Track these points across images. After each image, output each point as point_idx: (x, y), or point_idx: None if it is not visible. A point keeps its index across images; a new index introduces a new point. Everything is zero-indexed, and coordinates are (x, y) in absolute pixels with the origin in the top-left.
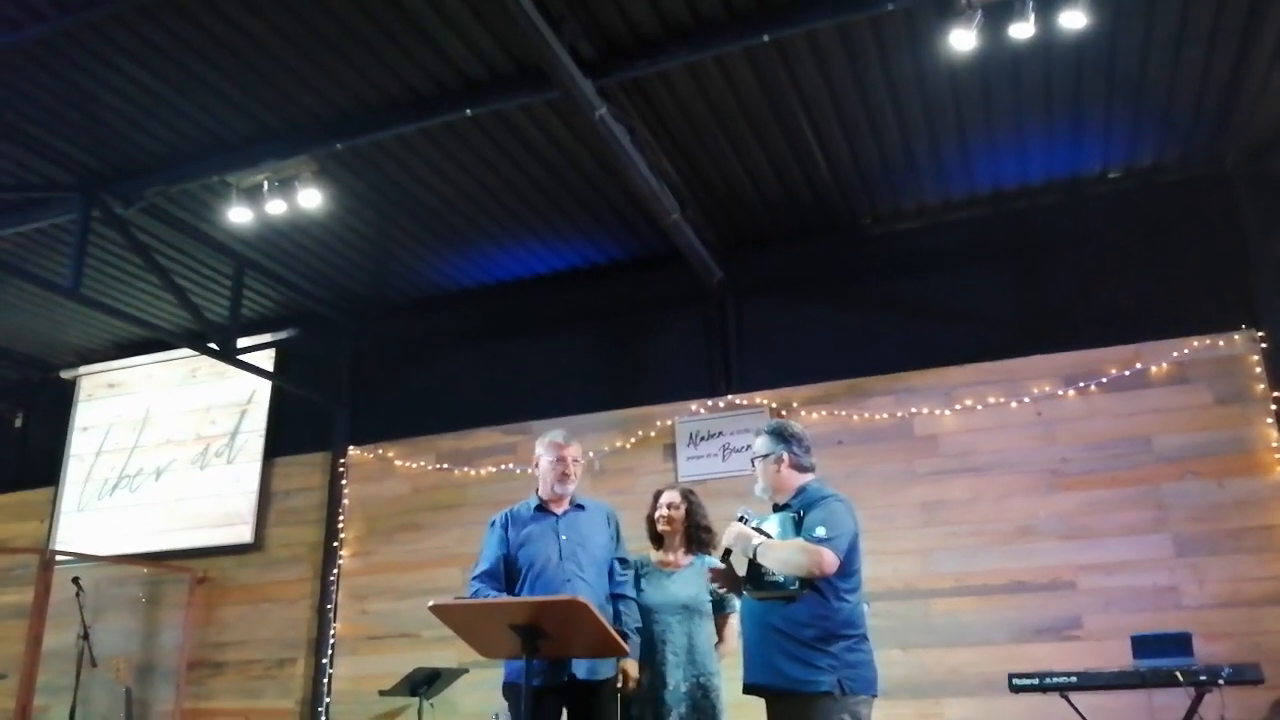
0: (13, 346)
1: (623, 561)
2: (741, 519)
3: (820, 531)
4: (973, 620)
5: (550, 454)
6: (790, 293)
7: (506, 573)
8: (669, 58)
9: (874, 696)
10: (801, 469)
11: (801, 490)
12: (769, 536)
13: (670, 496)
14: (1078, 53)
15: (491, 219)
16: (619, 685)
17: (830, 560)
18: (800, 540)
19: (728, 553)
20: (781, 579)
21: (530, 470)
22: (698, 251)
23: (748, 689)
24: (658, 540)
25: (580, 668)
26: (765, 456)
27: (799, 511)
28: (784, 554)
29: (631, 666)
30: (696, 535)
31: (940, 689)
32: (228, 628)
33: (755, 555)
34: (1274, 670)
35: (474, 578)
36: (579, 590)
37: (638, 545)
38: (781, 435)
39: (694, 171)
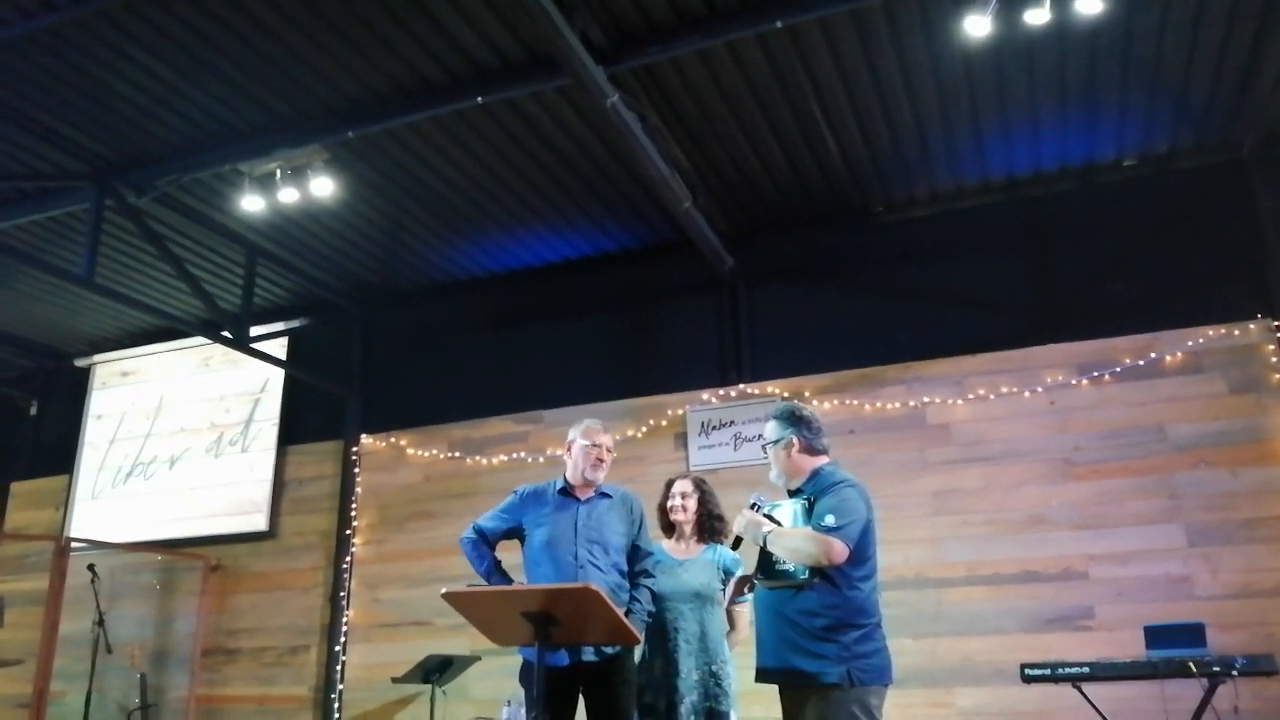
0: (27, 335)
1: (640, 549)
2: (753, 506)
3: (829, 520)
4: (984, 609)
5: (586, 440)
6: (802, 280)
7: (515, 537)
8: (681, 44)
9: (887, 686)
10: (814, 452)
11: (815, 474)
12: (779, 524)
13: (683, 486)
14: (1092, 38)
15: (502, 207)
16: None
17: (839, 549)
18: (808, 529)
19: (739, 540)
20: (791, 568)
21: (562, 455)
22: (709, 239)
23: (760, 677)
24: (669, 529)
25: (587, 650)
26: (776, 442)
27: (810, 498)
28: (793, 543)
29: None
30: (709, 524)
31: (952, 678)
32: (241, 615)
33: (765, 543)
34: None
35: (474, 523)
36: (591, 577)
37: (650, 534)
38: (790, 419)
39: (705, 159)
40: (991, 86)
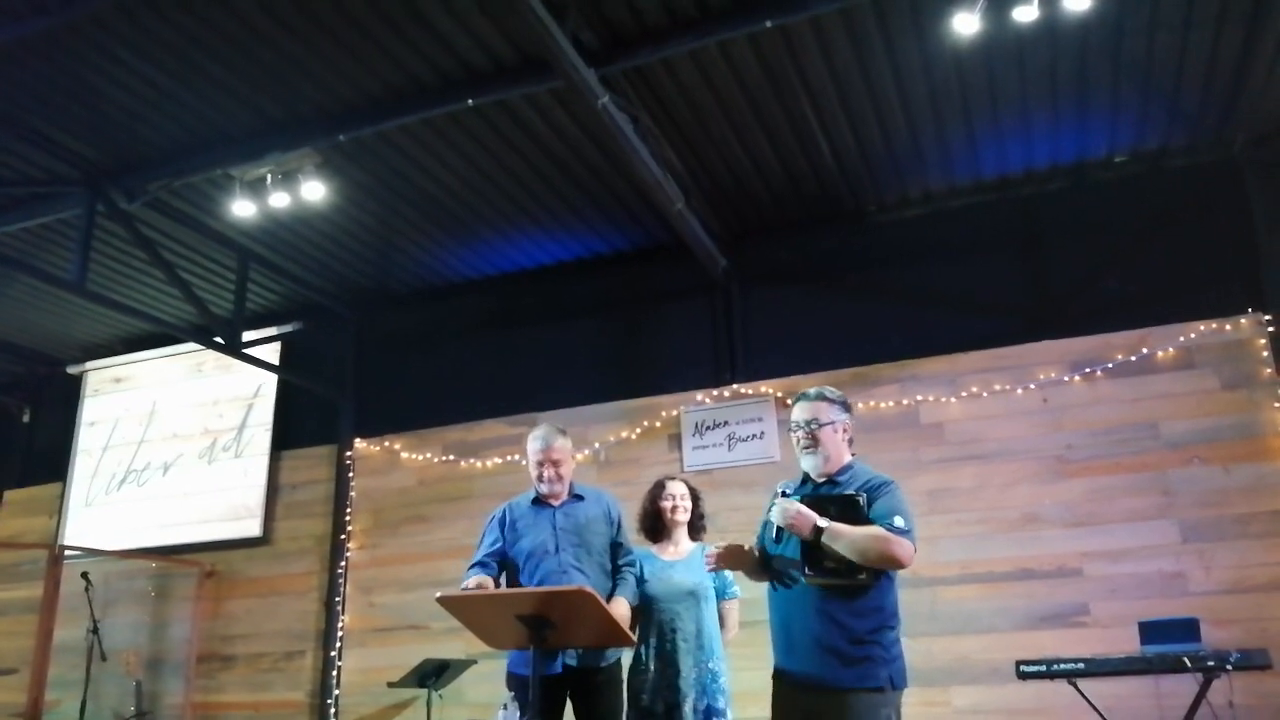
0: (18, 341)
1: (621, 546)
2: (783, 494)
3: (899, 521)
4: (979, 608)
5: (530, 457)
6: (795, 281)
7: (506, 566)
8: (672, 45)
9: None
10: (850, 443)
11: (849, 467)
12: (830, 516)
13: (680, 487)
14: (1083, 36)
15: (495, 209)
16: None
17: (911, 554)
18: (879, 529)
19: (780, 532)
20: (846, 567)
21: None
22: (702, 241)
23: (787, 679)
24: (653, 531)
25: (571, 656)
26: (829, 424)
27: (861, 494)
28: (862, 542)
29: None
30: (699, 524)
31: (947, 677)
32: (236, 621)
33: (819, 538)
34: None
35: (469, 567)
36: (575, 581)
37: (635, 537)
38: (845, 403)
39: (698, 160)
40: (983, 85)
